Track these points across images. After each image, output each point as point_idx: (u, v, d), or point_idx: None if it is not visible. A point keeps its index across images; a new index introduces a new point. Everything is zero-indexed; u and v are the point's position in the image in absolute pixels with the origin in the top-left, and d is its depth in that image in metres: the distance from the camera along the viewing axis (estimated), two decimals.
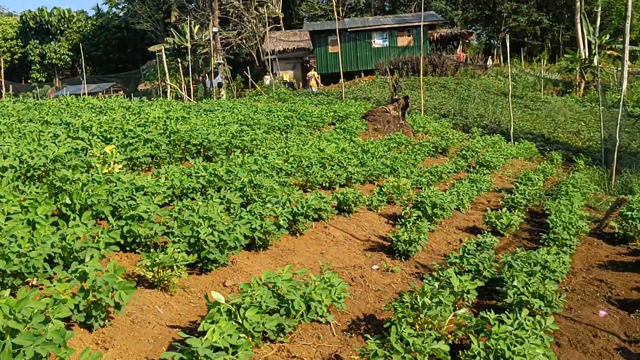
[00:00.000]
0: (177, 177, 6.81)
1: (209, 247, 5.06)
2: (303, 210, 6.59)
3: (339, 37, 24.81)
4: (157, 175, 7.06)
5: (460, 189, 9.74)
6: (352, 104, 19.79)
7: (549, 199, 10.38)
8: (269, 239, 5.96)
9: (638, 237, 8.21)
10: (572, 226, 7.86)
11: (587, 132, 22.24)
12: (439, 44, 41.64)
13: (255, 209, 6.11)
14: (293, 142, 11.09)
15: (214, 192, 6.73)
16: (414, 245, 6.53)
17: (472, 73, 34.63)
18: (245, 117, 12.84)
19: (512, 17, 57.06)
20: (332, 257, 6.30)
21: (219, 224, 5.27)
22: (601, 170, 15.70)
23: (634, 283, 6.50)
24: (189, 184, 6.76)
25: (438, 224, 8.25)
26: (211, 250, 5.09)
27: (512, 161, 15.51)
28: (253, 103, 19.36)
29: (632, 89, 33.84)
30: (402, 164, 11.36)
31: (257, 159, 8.61)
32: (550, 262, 5.95)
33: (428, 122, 18.17)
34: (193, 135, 9.09)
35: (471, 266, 5.83)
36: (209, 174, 7.15)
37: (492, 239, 6.80)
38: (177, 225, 5.29)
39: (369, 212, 8.33)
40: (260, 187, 7.04)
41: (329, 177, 8.92)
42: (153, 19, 52.47)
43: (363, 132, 14.74)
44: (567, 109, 27.30)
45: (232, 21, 43.98)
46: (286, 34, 45.05)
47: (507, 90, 21.30)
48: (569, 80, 38.63)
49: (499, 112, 23.57)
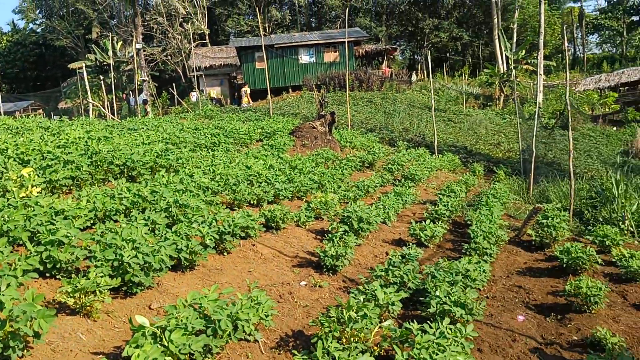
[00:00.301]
0: (100, 199, 6.65)
1: (134, 270, 4.98)
2: (230, 228, 6.57)
3: (266, 53, 24.91)
4: (78, 197, 6.86)
5: (386, 203, 9.96)
6: (280, 120, 19.88)
7: (471, 209, 10.77)
8: (196, 259, 5.91)
9: (553, 244, 8.65)
10: (492, 235, 8.20)
11: (507, 144, 23.20)
12: (364, 59, 42.51)
13: (181, 229, 6.05)
14: (220, 160, 11.04)
15: (138, 213, 6.62)
16: (341, 259, 6.64)
17: (397, 88, 35.48)
18: (171, 136, 12.68)
19: (434, 33, 59.01)
20: (260, 274, 6.32)
21: (143, 245, 5.19)
22: (520, 180, 16.39)
23: (549, 288, 6.84)
24: (112, 205, 6.62)
25: (365, 238, 8.40)
26: (135, 273, 5.00)
27: (436, 173, 15.97)
28: (179, 121, 19.12)
29: (547, 102, 35.59)
30: (330, 179, 11.50)
31: (183, 178, 8.53)
32: (472, 271, 6.19)
33: (355, 136, 18.47)
34: (116, 155, 8.90)
35: (396, 278, 5.98)
36: (133, 195, 7.02)
37: (416, 251, 7.00)
38: (99, 249, 5.17)
39: (297, 228, 8.39)
40: (186, 206, 6.98)
41: (256, 194, 8.94)
42: (73, 35, 51.04)
43: (291, 148, 14.84)
44: (488, 122, 28.38)
45: (156, 37, 43.37)
46: (212, 50, 44.80)
47: (430, 104, 21.93)
48: (489, 93, 40.20)
49: (423, 126, 24.23)
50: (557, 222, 8.68)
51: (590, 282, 5.88)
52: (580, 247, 7.31)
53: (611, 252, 7.72)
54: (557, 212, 9.17)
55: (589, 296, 5.76)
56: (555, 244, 8.58)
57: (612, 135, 27.80)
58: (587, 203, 12.63)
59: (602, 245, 8.30)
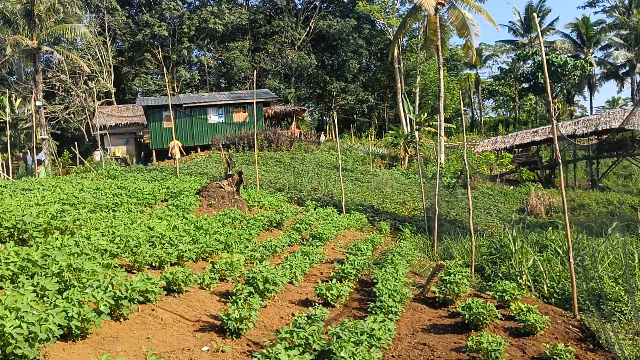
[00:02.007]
0: None
1: (17, 341, 4.58)
2: (127, 293, 6.24)
3: (174, 113, 24.69)
4: None
5: (293, 262, 9.86)
6: (187, 179, 19.55)
7: (377, 267, 10.87)
8: (88, 326, 5.54)
9: (456, 300, 8.83)
10: (397, 293, 8.27)
11: (412, 202, 23.90)
12: (274, 120, 43.09)
13: (73, 295, 5.68)
14: (121, 220, 10.60)
15: (27, 279, 6.17)
16: (245, 322, 6.44)
17: (306, 148, 36.06)
18: (69, 196, 12.10)
19: (342, 95, 60.99)
20: (159, 341, 6.00)
21: (29, 314, 4.80)
22: (425, 237, 16.83)
23: (453, 344, 6.92)
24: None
25: (271, 299, 8.24)
26: (19, 345, 4.60)
27: (344, 232, 16.11)
28: (79, 180, 18.39)
29: (449, 162, 37.27)
30: (237, 239, 11.30)
31: (79, 240, 8.09)
32: (377, 330, 6.16)
33: (263, 196, 18.42)
34: (5, 217, 8.35)
35: (301, 340, 5.85)
36: (22, 259, 6.55)
37: (322, 311, 6.92)
38: None
39: (200, 291, 8.11)
40: (80, 270, 6.58)
41: (158, 256, 8.60)
42: None
43: (197, 208, 14.55)
44: (394, 181, 29.24)
45: (59, 95, 42.08)
46: (118, 108, 43.98)
47: (338, 164, 22.36)
48: (394, 154, 41.63)
49: (331, 185, 24.59)
50: (459, 279, 8.89)
51: (490, 337, 6.01)
52: (481, 302, 7.50)
53: (510, 306, 7.97)
54: (459, 268, 9.42)
55: (489, 351, 5.88)
56: (458, 300, 8.76)
57: (509, 194, 29.34)
58: (488, 259, 13.10)
59: (502, 300, 8.56)
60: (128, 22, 56.71)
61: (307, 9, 64.28)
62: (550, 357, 6.11)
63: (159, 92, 53.02)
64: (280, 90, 56.52)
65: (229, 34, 60.00)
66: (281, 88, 57.25)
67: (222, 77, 64.19)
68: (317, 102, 69.66)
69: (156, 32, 54.16)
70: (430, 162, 38.10)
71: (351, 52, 61.52)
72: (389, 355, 6.44)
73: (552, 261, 11.53)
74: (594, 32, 62.93)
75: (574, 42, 64.55)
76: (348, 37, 60.86)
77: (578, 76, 56.25)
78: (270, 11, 63.40)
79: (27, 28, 32.79)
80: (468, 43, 38.95)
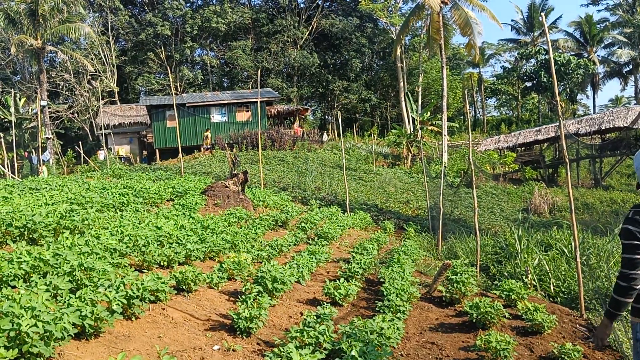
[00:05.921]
0: None
1: (32, 339, 4.63)
2: (139, 292, 6.30)
3: (177, 112, 24.74)
4: None
5: (300, 262, 9.91)
6: (192, 179, 19.61)
7: (383, 267, 10.91)
8: (102, 325, 5.60)
9: (463, 299, 8.87)
10: (404, 292, 8.30)
11: (415, 202, 23.94)
12: (277, 119, 43.13)
13: (85, 295, 5.73)
14: (128, 220, 10.66)
15: (39, 278, 6.23)
16: (255, 321, 6.49)
17: (309, 147, 36.09)
18: (76, 196, 12.17)
19: (344, 94, 60.97)
20: (170, 340, 6.06)
21: (43, 313, 4.86)
22: (429, 236, 16.86)
23: (461, 343, 6.96)
24: (10, 270, 6.20)
25: (279, 298, 8.29)
26: (35, 344, 4.66)
27: (349, 231, 16.16)
28: (85, 180, 18.45)
29: (452, 161, 37.25)
30: (243, 238, 11.35)
31: (89, 240, 8.14)
32: (386, 329, 6.21)
33: (268, 195, 18.47)
34: (15, 217, 8.42)
35: (311, 339, 5.90)
36: (33, 259, 6.60)
37: (331, 310, 6.97)
38: None
39: (209, 290, 8.16)
40: (91, 270, 6.64)
41: (167, 255, 8.66)
42: None
43: (203, 208, 14.60)
44: (397, 180, 29.28)
45: (62, 94, 42.17)
46: (122, 108, 44.07)
47: (341, 163, 22.39)
48: (397, 153, 41.65)
49: (335, 184, 24.63)
50: (466, 278, 8.93)
51: (499, 336, 6.05)
52: (489, 302, 7.53)
53: (517, 305, 8.01)
54: (465, 268, 9.46)
55: (498, 350, 5.92)
56: (465, 299, 8.80)
57: (512, 193, 29.37)
58: (493, 258, 13.12)
59: (508, 299, 8.59)
60: (131, 22, 56.88)
61: (310, 8, 64.28)
62: (558, 356, 6.14)
63: (162, 91, 53.10)
64: (282, 89, 56.57)
65: (231, 33, 60.05)
66: (284, 87, 57.30)
67: (225, 77, 64.23)
68: (319, 101, 69.66)
69: (159, 31, 54.29)
70: (433, 161, 38.13)
71: (354, 51, 61.57)
72: (398, 354, 6.49)
73: (558, 260, 11.55)
74: (597, 31, 62.80)
75: (577, 40, 64.47)
76: (350, 36, 60.90)
77: (581, 75, 56.13)
78: (272, 10, 63.48)
79: (31, 28, 32.90)
80: (471, 42, 38.92)
